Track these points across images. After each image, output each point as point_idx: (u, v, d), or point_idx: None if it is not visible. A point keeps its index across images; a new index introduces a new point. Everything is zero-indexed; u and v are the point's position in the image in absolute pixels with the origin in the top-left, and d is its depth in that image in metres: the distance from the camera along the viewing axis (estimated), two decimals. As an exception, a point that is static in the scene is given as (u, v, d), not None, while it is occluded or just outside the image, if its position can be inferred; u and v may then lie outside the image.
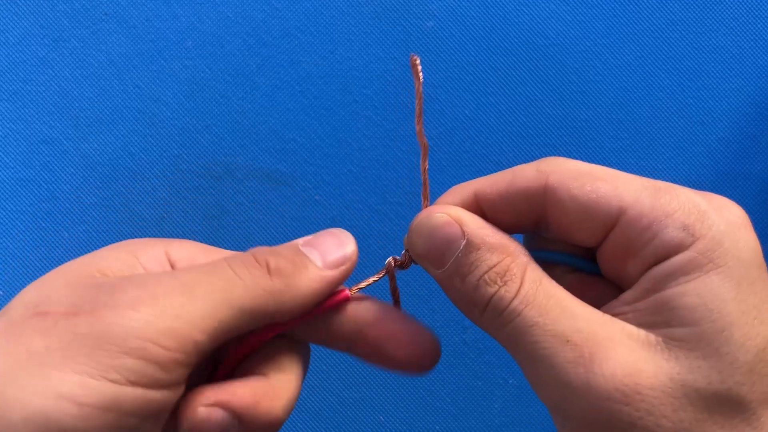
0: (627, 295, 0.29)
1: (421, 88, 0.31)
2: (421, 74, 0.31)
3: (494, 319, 0.29)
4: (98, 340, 0.25)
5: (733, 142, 0.65)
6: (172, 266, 0.31)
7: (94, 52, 0.61)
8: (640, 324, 0.28)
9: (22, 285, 0.28)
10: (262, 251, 0.30)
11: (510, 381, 0.63)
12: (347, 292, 0.32)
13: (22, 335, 0.25)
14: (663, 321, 0.27)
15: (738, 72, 0.65)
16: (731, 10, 0.65)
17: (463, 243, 0.30)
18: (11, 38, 0.61)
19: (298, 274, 0.30)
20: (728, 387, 0.26)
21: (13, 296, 0.28)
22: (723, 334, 0.26)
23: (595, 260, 0.32)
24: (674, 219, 0.28)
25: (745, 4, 0.65)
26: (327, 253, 0.31)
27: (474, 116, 0.63)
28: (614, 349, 0.27)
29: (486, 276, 0.29)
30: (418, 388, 0.62)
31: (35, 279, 0.28)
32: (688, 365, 0.26)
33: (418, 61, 0.31)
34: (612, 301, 0.30)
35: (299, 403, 0.31)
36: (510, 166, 0.32)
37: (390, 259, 0.33)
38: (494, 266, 0.29)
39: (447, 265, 0.30)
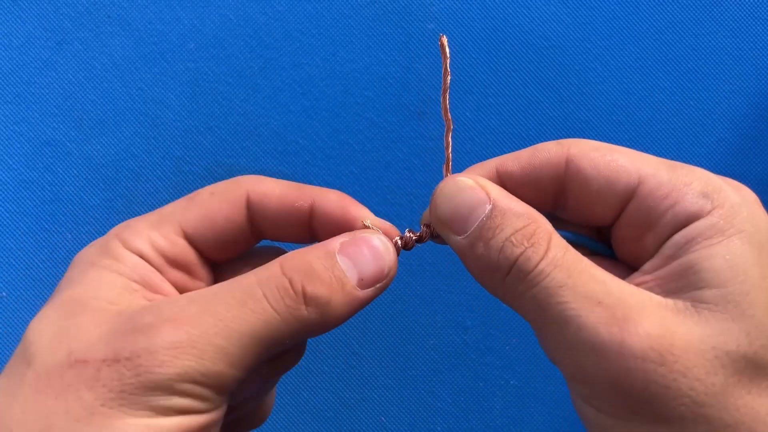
0: (648, 265, 0.29)
1: (448, 65, 0.32)
2: (448, 52, 0.32)
3: (518, 283, 0.28)
4: (146, 388, 0.26)
5: (733, 143, 0.65)
6: (187, 238, 0.32)
7: (97, 55, 0.62)
8: (664, 292, 0.28)
9: (25, 286, 0.28)
10: (297, 272, 0.29)
11: (511, 382, 0.63)
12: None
13: (69, 388, 0.26)
14: (689, 284, 0.27)
15: (737, 73, 0.65)
16: (730, 12, 0.65)
17: (489, 207, 0.29)
18: (15, 41, 0.61)
19: (334, 299, 0.29)
20: (755, 350, 0.26)
21: (16, 298, 0.28)
22: (749, 296, 0.26)
23: (610, 244, 0.32)
24: (693, 188, 0.28)
25: (744, 6, 0.65)
26: (364, 268, 0.30)
27: (475, 118, 0.64)
28: (646, 312, 0.27)
29: (512, 238, 0.29)
30: (419, 389, 0.62)
31: (38, 280, 0.28)
32: (718, 328, 0.26)
33: (446, 41, 0.32)
34: (633, 273, 0.29)
35: (300, 403, 0.31)
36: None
37: (403, 234, 0.33)
38: (520, 229, 0.29)
39: (470, 230, 0.29)
